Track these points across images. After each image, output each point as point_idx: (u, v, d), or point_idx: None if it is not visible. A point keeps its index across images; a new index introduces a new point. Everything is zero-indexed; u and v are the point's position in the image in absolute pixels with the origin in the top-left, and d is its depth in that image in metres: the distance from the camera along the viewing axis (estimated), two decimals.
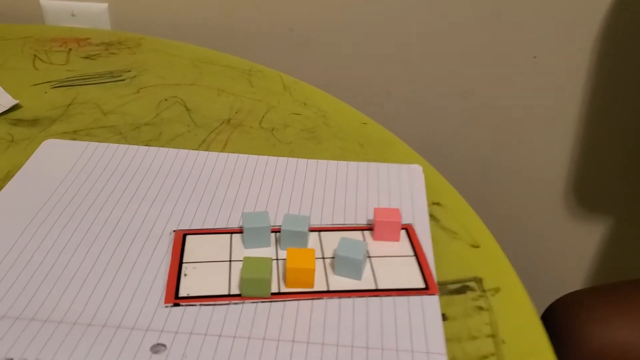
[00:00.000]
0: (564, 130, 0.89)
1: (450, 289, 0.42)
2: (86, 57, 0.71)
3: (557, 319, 0.59)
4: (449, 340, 0.38)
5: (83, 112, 0.60)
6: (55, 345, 0.35)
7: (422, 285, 0.41)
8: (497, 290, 0.42)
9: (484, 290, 0.42)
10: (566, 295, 0.63)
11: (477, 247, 0.46)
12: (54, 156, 0.52)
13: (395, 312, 0.39)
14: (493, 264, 0.44)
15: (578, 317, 0.59)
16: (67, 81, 0.66)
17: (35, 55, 0.71)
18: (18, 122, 0.58)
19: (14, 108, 0.60)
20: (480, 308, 0.40)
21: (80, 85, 0.65)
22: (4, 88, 0.63)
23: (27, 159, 0.52)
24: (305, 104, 0.64)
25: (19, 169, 0.50)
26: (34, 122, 0.58)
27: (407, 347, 0.36)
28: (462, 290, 0.42)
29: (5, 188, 0.48)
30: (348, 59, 0.85)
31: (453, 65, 0.85)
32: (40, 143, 0.54)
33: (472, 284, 0.42)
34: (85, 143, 0.54)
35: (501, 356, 0.37)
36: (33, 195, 0.47)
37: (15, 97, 0.61)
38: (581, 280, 1.03)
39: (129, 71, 0.68)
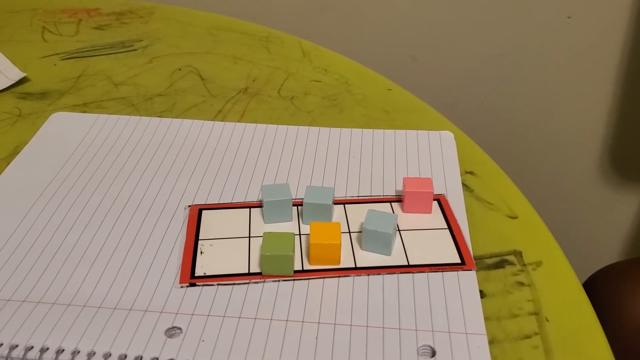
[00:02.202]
0: (600, 95, 0.84)
1: (487, 263, 0.38)
2: (96, 28, 0.68)
3: (597, 292, 0.56)
4: (487, 319, 0.35)
5: (93, 84, 0.57)
6: (64, 329, 0.33)
7: (457, 260, 0.37)
8: (538, 264, 0.39)
9: (524, 265, 0.38)
10: (607, 266, 0.59)
11: (515, 218, 0.42)
12: (63, 130, 0.49)
13: (429, 289, 0.36)
14: (533, 236, 0.41)
15: (620, 289, 0.56)
16: (77, 52, 0.63)
17: (44, 27, 0.68)
18: (26, 96, 0.55)
19: (22, 81, 0.57)
20: (521, 283, 0.37)
21: (90, 57, 0.62)
22: (12, 61, 0.60)
23: (35, 133, 0.49)
24: (326, 71, 0.60)
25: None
26: (42, 95, 0.55)
27: (443, 328, 0.33)
28: (501, 264, 0.38)
29: (11, 164, 0.45)
30: (370, 22, 0.81)
31: (482, 27, 0.81)
32: (48, 117, 0.51)
33: (511, 258, 0.39)
34: (95, 115, 0.51)
35: (545, 335, 0.34)
36: (40, 171, 0.45)
37: (23, 70, 0.58)
38: (621, 252, 0.99)
39: (141, 41, 0.65)
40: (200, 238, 0.39)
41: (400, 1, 0.80)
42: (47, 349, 0.32)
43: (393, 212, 0.41)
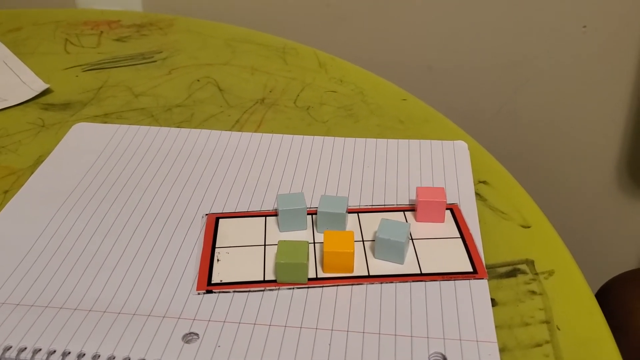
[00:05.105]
0: (616, 104, 0.84)
1: (499, 272, 0.39)
2: (117, 40, 0.70)
3: (610, 300, 0.56)
4: (499, 327, 0.35)
5: (114, 95, 0.58)
6: (85, 334, 0.34)
7: (469, 268, 0.38)
8: (550, 273, 0.39)
9: (536, 274, 0.39)
10: (619, 275, 0.59)
11: (528, 227, 0.43)
12: (85, 140, 0.51)
13: (441, 297, 0.36)
14: (545, 245, 0.41)
15: (633, 297, 0.56)
16: (98, 64, 0.64)
17: (66, 39, 0.70)
18: (49, 107, 0.57)
19: (45, 92, 0.59)
20: (533, 292, 0.38)
21: (111, 68, 0.63)
22: (35, 73, 0.62)
23: (58, 143, 0.50)
24: (341, 81, 0.61)
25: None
26: (65, 106, 0.57)
27: (454, 335, 0.34)
28: (513, 273, 0.39)
29: (35, 173, 0.47)
30: (386, 32, 0.82)
31: (497, 37, 0.81)
32: (71, 127, 0.53)
33: (523, 267, 0.39)
34: (116, 126, 0.52)
35: (556, 344, 0.34)
36: (63, 180, 0.46)
37: (46, 82, 0.60)
38: (634, 260, 0.98)
39: (161, 52, 0.67)
40: (217, 246, 0.40)
41: (415, 11, 0.80)
42: (69, 353, 0.33)
43: (406, 221, 0.42)
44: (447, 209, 0.43)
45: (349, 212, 0.43)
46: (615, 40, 0.80)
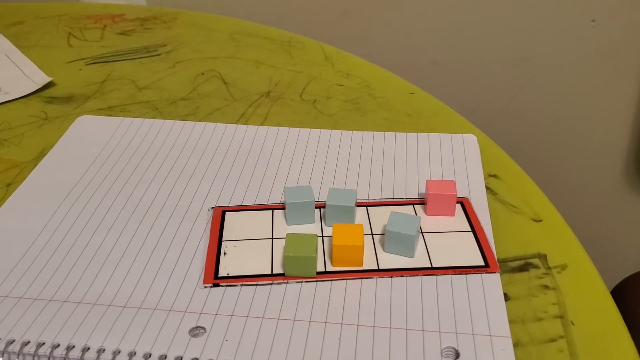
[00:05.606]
0: (625, 99, 0.83)
1: (511, 266, 0.38)
2: (121, 33, 0.69)
3: (627, 298, 0.55)
4: (511, 322, 0.34)
5: (118, 88, 0.58)
6: (89, 328, 0.33)
7: (481, 262, 0.37)
8: (563, 267, 0.38)
9: (549, 268, 0.38)
10: (635, 273, 0.58)
11: (540, 221, 0.42)
12: (88, 132, 0.50)
13: (452, 292, 0.35)
14: (558, 239, 0.40)
15: None
16: (102, 57, 0.64)
17: (69, 33, 0.69)
18: (52, 100, 0.56)
19: (48, 85, 0.58)
20: (546, 287, 0.37)
21: (114, 62, 0.63)
22: (38, 66, 0.61)
23: (61, 136, 0.50)
24: (348, 75, 0.60)
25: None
26: (68, 99, 0.56)
27: (467, 330, 0.33)
28: (525, 267, 0.38)
29: (38, 166, 0.46)
30: (391, 26, 0.81)
31: (505, 31, 0.80)
32: (74, 120, 0.52)
33: (535, 261, 0.39)
34: (119, 119, 0.52)
35: (571, 339, 0.34)
36: (66, 173, 0.45)
37: (49, 75, 0.59)
38: None
39: (165, 46, 0.66)
40: (223, 239, 0.39)
41: (421, 5, 0.80)
42: (73, 347, 0.32)
43: (416, 215, 0.41)
44: (457, 202, 0.42)
45: (358, 206, 0.42)
46: (624, 35, 0.79)
